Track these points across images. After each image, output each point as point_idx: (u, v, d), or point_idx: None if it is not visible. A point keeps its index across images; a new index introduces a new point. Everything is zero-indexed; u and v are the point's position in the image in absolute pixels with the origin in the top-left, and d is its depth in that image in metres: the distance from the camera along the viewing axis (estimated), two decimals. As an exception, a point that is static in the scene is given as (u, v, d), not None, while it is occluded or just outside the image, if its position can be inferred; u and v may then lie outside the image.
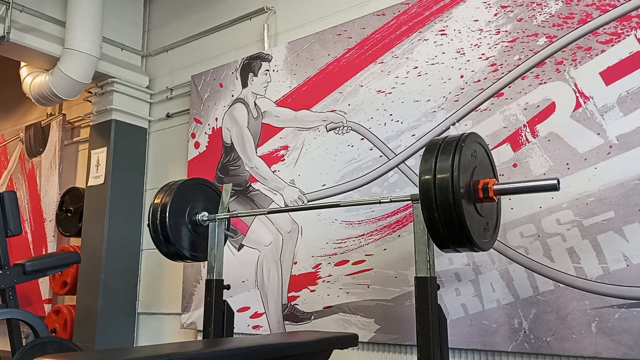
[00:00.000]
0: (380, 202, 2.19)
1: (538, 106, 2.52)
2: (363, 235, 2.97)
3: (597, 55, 2.38)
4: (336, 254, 3.06)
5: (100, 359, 1.73)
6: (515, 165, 2.52)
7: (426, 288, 1.86)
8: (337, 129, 3.20)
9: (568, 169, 2.39)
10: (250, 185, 3.55)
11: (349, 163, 3.11)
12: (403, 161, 2.91)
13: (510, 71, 2.62)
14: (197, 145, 3.94)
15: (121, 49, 4.51)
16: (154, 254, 3.03)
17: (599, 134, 2.33)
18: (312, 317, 3.09)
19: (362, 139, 3.08)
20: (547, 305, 2.35)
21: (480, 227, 1.79)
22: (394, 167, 2.93)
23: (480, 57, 2.72)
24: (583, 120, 2.37)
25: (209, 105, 3.93)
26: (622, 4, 2.35)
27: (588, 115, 2.37)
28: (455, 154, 1.69)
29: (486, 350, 2.50)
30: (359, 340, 2.42)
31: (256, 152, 3.57)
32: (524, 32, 2.60)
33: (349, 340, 2.27)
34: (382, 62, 3.07)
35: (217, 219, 2.62)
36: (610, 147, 2.29)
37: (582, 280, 2.27)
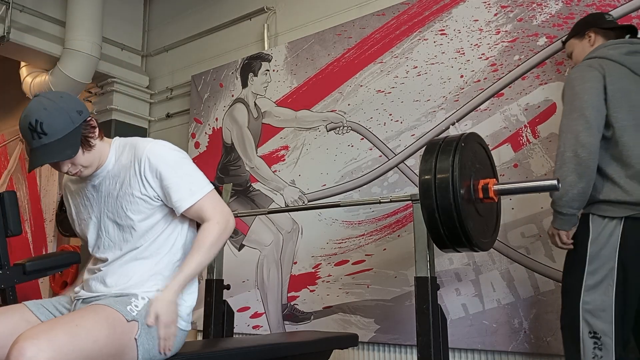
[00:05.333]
0: (380, 202, 2.19)
1: (539, 107, 2.51)
2: (363, 235, 2.97)
3: (597, 55, 2.37)
4: (336, 254, 3.06)
5: None
6: (515, 166, 2.52)
7: (426, 288, 1.86)
8: (337, 129, 3.20)
9: (568, 169, 2.38)
10: (250, 185, 3.55)
11: (349, 163, 3.11)
12: (403, 161, 2.91)
13: (510, 71, 2.62)
14: (197, 145, 3.94)
15: (121, 49, 4.51)
16: (154, 254, 3.03)
17: (599, 134, 2.32)
18: (312, 317, 3.09)
19: (362, 138, 3.08)
20: (548, 305, 2.35)
21: (480, 227, 1.79)
22: (393, 167, 2.93)
23: (480, 57, 2.72)
24: (583, 120, 2.36)
25: (209, 105, 3.93)
26: (622, 5, 2.35)
27: (588, 115, 2.36)
28: (455, 154, 1.69)
29: (486, 350, 2.50)
30: (359, 340, 2.41)
31: (256, 152, 3.57)
32: (524, 32, 2.60)
33: (349, 340, 2.27)
34: (381, 62, 3.07)
35: (217, 219, 2.62)
36: (611, 147, 2.28)
37: (582, 281, 2.27)
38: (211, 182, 3.12)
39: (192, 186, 1.58)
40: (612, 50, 1.91)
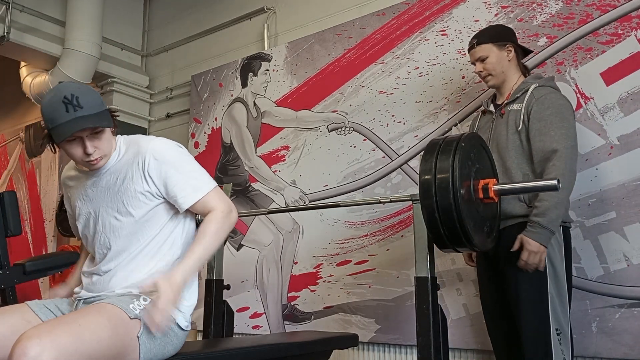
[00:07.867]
0: (380, 202, 2.19)
1: (539, 106, 2.51)
2: (366, 235, 2.97)
3: (597, 55, 2.38)
4: (338, 254, 3.06)
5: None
6: (515, 166, 2.51)
7: (426, 288, 1.86)
8: (339, 129, 3.20)
9: (569, 169, 2.38)
10: (249, 185, 3.55)
11: (351, 164, 3.11)
12: (406, 162, 2.90)
13: (510, 71, 2.61)
14: (196, 145, 3.94)
15: (121, 49, 4.51)
16: (154, 254, 3.03)
17: (599, 134, 2.32)
18: (312, 317, 3.09)
19: (365, 139, 3.08)
20: (548, 305, 2.34)
21: (480, 227, 1.79)
22: (396, 168, 2.93)
23: (481, 58, 2.71)
24: (584, 120, 2.36)
25: (209, 105, 3.93)
26: (622, 5, 2.35)
27: (589, 115, 2.36)
28: (455, 154, 1.69)
29: (486, 350, 2.49)
30: (359, 340, 2.41)
31: (256, 152, 3.56)
32: (524, 32, 2.59)
33: (349, 340, 2.27)
34: (382, 63, 3.07)
35: (217, 219, 2.61)
36: (612, 147, 2.29)
37: (583, 280, 2.27)
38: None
39: (196, 182, 1.61)
40: None
